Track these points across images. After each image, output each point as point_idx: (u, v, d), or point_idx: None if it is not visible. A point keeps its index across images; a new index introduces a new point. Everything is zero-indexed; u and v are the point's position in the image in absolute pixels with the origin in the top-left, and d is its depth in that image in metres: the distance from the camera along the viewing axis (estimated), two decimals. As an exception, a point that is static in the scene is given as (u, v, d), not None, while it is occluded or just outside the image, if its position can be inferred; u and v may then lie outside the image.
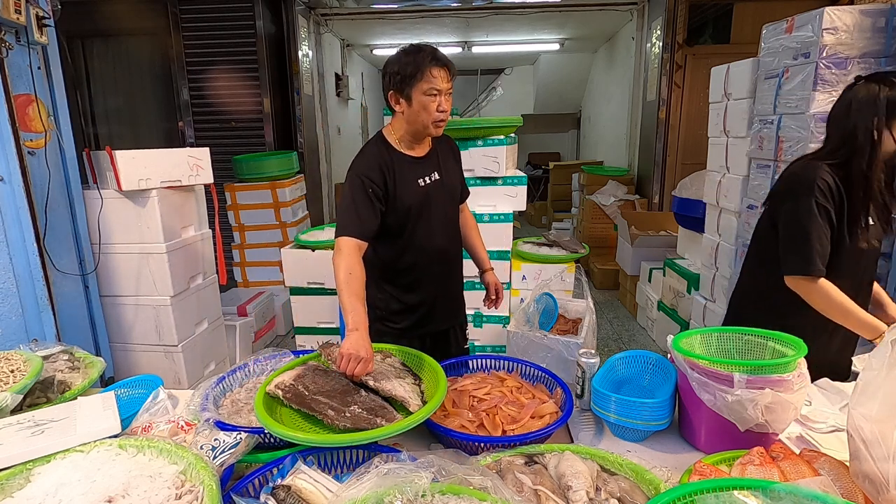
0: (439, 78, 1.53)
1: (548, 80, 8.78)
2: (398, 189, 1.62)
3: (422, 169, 1.68)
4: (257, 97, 4.90)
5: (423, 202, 1.66)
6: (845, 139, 1.49)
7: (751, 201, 2.77)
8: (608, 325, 4.39)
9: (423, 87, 1.53)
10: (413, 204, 1.64)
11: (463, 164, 1.90)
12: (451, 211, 1.79)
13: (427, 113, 1.56)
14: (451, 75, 1.57)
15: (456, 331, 1.91)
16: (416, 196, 1.64)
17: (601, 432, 1.27)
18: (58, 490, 0.91)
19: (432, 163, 1.71)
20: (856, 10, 2.22)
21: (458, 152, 1.86)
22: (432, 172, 1.70)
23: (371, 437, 1.04)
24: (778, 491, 0.76)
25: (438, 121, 1.59)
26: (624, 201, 5.49)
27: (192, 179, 2.72)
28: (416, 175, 1.66)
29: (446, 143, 1.81)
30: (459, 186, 1.83)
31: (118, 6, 4.80)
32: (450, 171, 1.76)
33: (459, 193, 1.84)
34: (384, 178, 1.60)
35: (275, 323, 4.09)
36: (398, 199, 1.62)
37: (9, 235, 2.11)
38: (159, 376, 1.45)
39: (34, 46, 2.17)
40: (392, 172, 1.62)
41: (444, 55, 1.56)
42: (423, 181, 1.67)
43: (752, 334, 1.26)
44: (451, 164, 1.78)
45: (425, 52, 1.54)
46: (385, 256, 1.72)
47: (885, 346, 0.83)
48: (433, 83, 1.53)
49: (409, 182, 1.64)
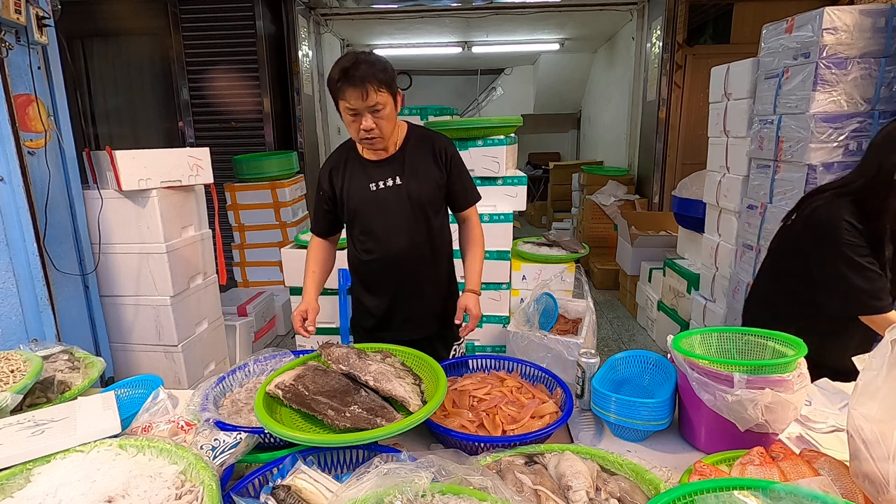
0: (353, 97, 1.43)
1: (548, 80, 8.77)
2: (346, 192, 1.64)
3: (377, 173, 1.62)
4: (257, 97, 4.90)
5: (372, 206, 1.62)
6: (868, 171, 1.48)
7: (751, 201, 2.77)
8: (608, 325, 4.39)
9: (342, 105, 1.48)
10: (358, 207, 1.63)
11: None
12: (418, 217, 1.65)
13: (352, 130, 1.53)
14: (369, 92, 1.41)
15: (433, 343, 1.78)
16: (364, 200, 1.63)
17: (601, 432, 1.27)
18: (58, 490, 0.91)
19: (392, 167, 1.62)
20: (856, 10, 2.22)
21: (443, 151, 1.66)
22: (389, 177, 1.62)
23: (371, 437, 1.04)
24: (778, 491, 0.76)
25: (364, 139, 1.52)
26: (624, 201, 5.49)
27: (192, 179, 2.72)
28: (368, 179, 1.62)
29: (428, 142, 1.66)
30: (434, 191, 1.66)
31: (118, 6, 4.80)
32: (420, 176, 1.63)
33: (437, 198, 1.68)
34: (331, 182, 1.66)
35: (275, 323, 4.09)
36: (345, 201, 1.65)
37: (9, 235, 2.11)
38: (159, 376, 1.45)
39: (34, 46, 2.17)
40: (342, 175, 1.64)
41: (366, 69, 1.41)
42: (374, 185, 1.62)
43: (752, 334, 1.26)
44: (424, 167, 1.64)
45: (337, 68, 1.44)
46: (353, 253, 1.77)
47: (885, 346, 0.83)
48: (348, 103, 1.45)
49: (358, 186, 1.63)
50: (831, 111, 2.26)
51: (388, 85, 1.47)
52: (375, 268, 1.71)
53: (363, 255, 1.71)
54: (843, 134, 2.26)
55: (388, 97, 1.49)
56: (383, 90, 1.46)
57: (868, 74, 2.23)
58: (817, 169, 2.29)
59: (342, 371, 1.28)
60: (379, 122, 1.49)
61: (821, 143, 2.27)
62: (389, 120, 1.52)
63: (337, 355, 1.33)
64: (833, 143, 2.27)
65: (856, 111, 2.26)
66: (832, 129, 2.26)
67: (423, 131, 1.70)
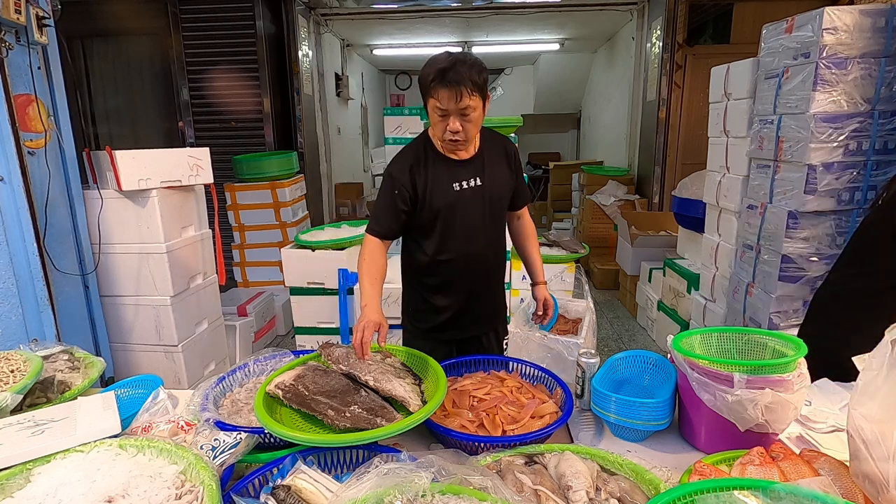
0: (445, 98, 1.43)
1: (548, 80, 8.77)
2: (429, 191, 1.58)
3: (460, 173, 1.60)
4: (257, 97, 4.90)
5: (455, 207, 1.60)
6: None
7: (751, 201, 2.77)
8: (608, 325, 4.39)
9: (432, 103, 1.48)
10: (442, 208, 1.59)
11: None
12: (492, 218, 1.68)
13: (437, 129, 1.53)
14: (462, 95, 1.42)
15: (489, 338, 1.83)
16: (448, 200, 1.59)
17: (601, 432, 1.27)
18: (58, 490, 0.91)
19: (474, 168, 1.62)
20: (856, 10, 2.22)
21: (513, 154, 1.73)
22: (472, 178, 1.61)
23: (371, 437, 1.04)
24: (778, 491, 0.76)
25: (449, 140, 1.52)
26: (624, 201, 5.49)
27: (192, 179, 2.72)
28: (451, 178, 1.60)
29: (500, 144, 1.70)
30: (507, 193, 1.71)
31: (118, 6, 4.80)
32: (496, 178, 1.66)
33: (507, 200, 1.73)
34: (413, 179, 1.57)
35: (275, 323, 4.08)
36: (428, 201, 1.58)
37: (9, 235, 2.11)
38: (159, 376, 1.45)
39: (34, 46, 2.17)
40: (424, 173, 1.58)
41: (463, 71, 1.41)
42: (458, 185, 1.60)
43: (753, 334, 1.26)
44: (499, 168, 1.68)
45: (433, 67, 1.44)
46: (416, 254, 1.70)
47: (885, 346, 0.83)
48: (438, 103, 1.45)
49: (442, 185, 1.59)
50: (831, 111, 2.26)
51: (480, 89, 1.46)
52: (452, 268, 1.67)
53: (439, 256, 1.66)
54: (843, 134, 2.26)
55: (480, 101, 1.48)
56: (476, 94, 1.45)
57: (868, 74, 2.23)
58: (817, 169, 2.29)
59: (342, 371, 1.29)
60: (466, 125, 1.49)
61: (821, 143, 2.27)
62: (476, 124, 1.52)
63: (337, 355, 1.33)
64: (833, 143, 2.27)
65: (856, 111, 2.26)
66: (832, 129, 2.26)
67: (491, 133, 1.72)
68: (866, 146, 2.28)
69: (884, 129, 2.26)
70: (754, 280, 2.70)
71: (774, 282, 2.50)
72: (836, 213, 2.37)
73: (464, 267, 1.67)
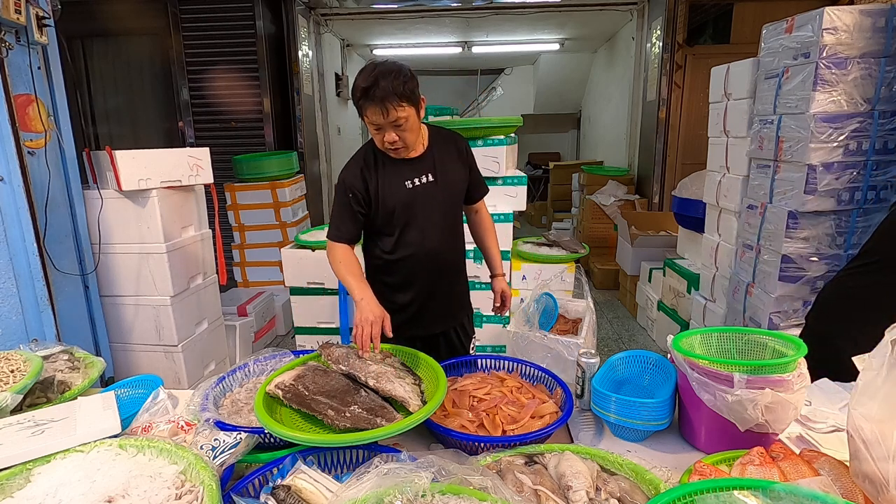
0: (374, 115, 1.46)
1: (548, 80, 8.77)
2: (381, 191, 1.61)
3: (411, 171, 1.64)
4: (257, 97, 4.90)
5: (410, 204, 1.63)
6: None
7: (751, 201, 2.77)
8: (608, 325, 4.39)
9: (365, 119, 1.51)
10: (397, 205, 1.62)
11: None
12: (449, 213, 1.72)
13: (376, 140, 1.56)
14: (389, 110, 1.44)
15: (455, 334, 1.87)
16: (401, 197, 1.62)
17: (601, 432, 1.27)
18: (58, 490, 0.91)
19: (425, 165, 1.65)
20: (856, 10, 2.22)
21: (465, 150, 1.76)
22: (424, 174, 1.64)
23: (371, 437, 1.04)
24: (778, 491, 0.76)
25: (389, 149, 1.56)
26: (624, 201, 5.49)
27: (192, 179, 2.72)
28: (402, 177, 1.63)
29: (451, 141, 1.73)
30: (461, 187, 1.76)
31: (118, 6, 4.80)
32: (449, 173, 1.69)
33: (461, 194, 1.77)
34: (364, 182, 1.61)
35: (275, 323, 4.08)
36: (381, 200, 1.62)
37: (9, 235, 2.11)
38: (159, 376, 1.45)
39: (34, 46, 2.17)
40: (375, 175, 1.61)
41: (385, 86, 1.42)
42: (410, 183, 1.63)
43: (753, 334, 1.26)
44: (452, 164, 1.71)
45: (357, 85, 1.46)
46: (377, 253, 1.73)
47: (885, 346, 0.83)
48: (369, 119, 1.49)
49: (394, 184, 1.62)
50: (831, 111, 2.26)
51: (408, 98, 1.47)
52: (410, 264, 1.70)
53: (397, 253, 1.69)
54: (843, 134, 2.26)
55: (410, 109, 1.49)
56: (403, 104, 1.47)
57: (868, 74, 2.23)
58: (817, 169, 2.29)
59: (342, 371, 1.29)
60: (402, 134, 1.52)
61: (821, 143, 2.27)
62: (412, 131, 1.54)
63: (337, 355, 1.33)
64: (833, 143, 2.27)
65: (856, 111, 2.26)
66: (832, 129, 2.26)
67: (441, 131, 1.75)
68: (866, 146, 2.28)
69: (884, 129, 2.26)
70: (754, 280, 2.70)
71: (774, 282, 2.50)
72: (836, 214, 2.37)
73: (422, 263, 1.69)
